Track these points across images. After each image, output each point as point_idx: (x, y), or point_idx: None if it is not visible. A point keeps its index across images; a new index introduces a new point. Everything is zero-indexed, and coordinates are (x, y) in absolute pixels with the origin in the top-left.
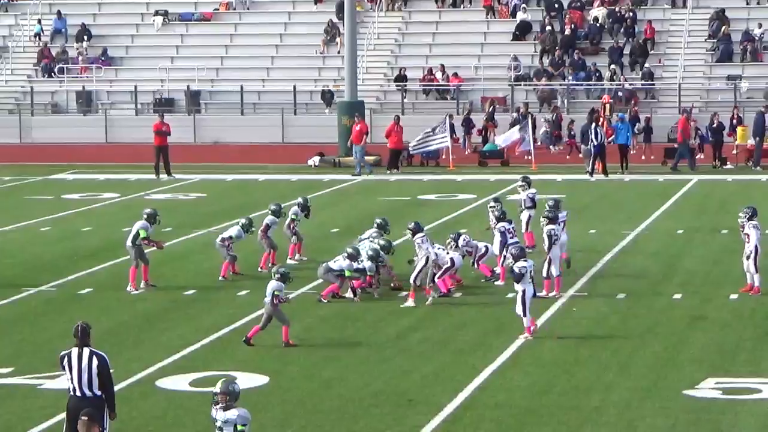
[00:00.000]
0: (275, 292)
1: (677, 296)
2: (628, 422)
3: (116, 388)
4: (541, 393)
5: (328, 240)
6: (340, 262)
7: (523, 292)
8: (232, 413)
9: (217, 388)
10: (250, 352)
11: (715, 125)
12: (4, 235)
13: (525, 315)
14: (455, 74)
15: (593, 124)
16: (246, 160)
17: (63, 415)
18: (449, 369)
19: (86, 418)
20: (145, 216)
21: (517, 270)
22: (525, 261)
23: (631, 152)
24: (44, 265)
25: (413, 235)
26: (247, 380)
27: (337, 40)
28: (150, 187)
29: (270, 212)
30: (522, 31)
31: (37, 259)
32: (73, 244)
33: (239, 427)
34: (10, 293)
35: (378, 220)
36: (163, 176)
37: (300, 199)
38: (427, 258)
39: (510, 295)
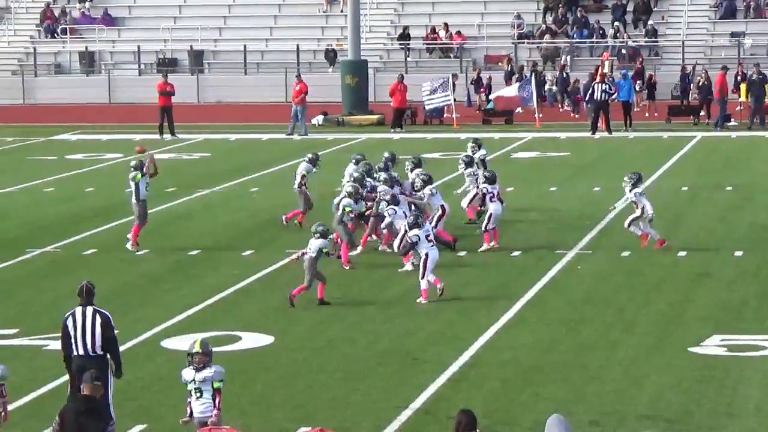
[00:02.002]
0: (323, 249)
1: (682, 254)
2: (634, 380)
3: (121, 348)
4: (546, 351)
5: (333, 198)
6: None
7: (426, 255)
8: (209, 371)
9: (195, 349)
10: (254, 312)
11: (701, 83)
12: (8, 196)
13: (422, 278)
14: (458, 32)
15: (593, 82)
16: (249, 120)
17: (67, 376)
18: (454, 327)
19: (99, 383)
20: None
21: (408, 239)
22: (419, 229)
23: (635, 109)
24: (48, 226)
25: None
26: (252, 340)
27: None
28: (154, 146)
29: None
30: None
31: (41, 220)
32: (76, 205)
33: (216, 384)
34: (14, 254)
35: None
36: (167, 136)
37: (310, 155)
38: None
39: (515, 254)
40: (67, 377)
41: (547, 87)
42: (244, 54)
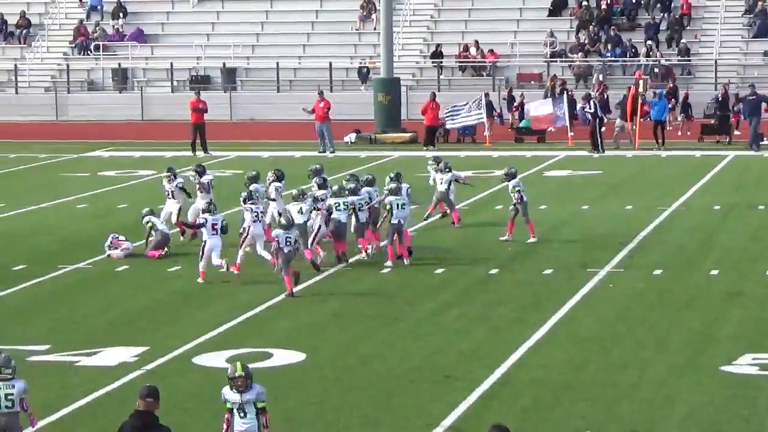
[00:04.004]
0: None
1: (714, 272)
2: (665, 398)
3: (152, 365)
4: (578, 369)
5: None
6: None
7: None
8: (252, 392)
9: (237, 373)
10: (286, 329)
11: (721, 99)
12: (41, 212)
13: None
14: (491, 51)
15: (591, 99)
16: (282, 137)
17: (99, 393)
18: (486, 345)
19: (151, 399)
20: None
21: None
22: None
23: (668, 128)
24: (80, 242)
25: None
26: (283, 357)
27: (373, 16)
28: (186, 163)
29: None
30: (558, 7)
31: (74, 236)
32: (108, 221)
33: (260, 404)
34: (47, 270)
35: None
36: (200, 153)
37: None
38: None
39: (547, 272)
40: (100, 392)
41: (579, 106)
42: (276, 71)
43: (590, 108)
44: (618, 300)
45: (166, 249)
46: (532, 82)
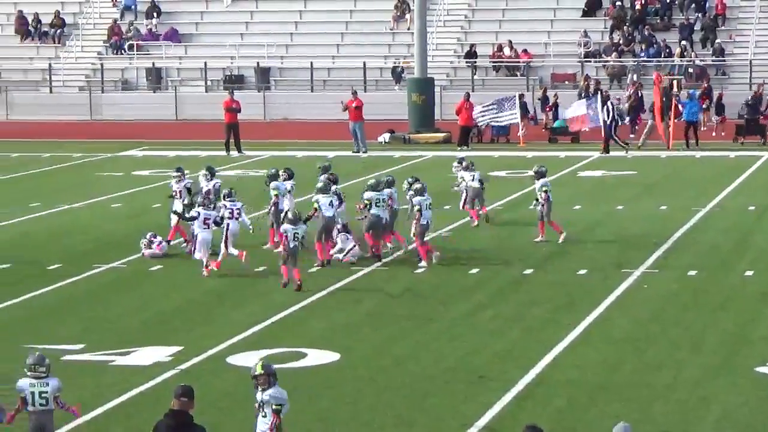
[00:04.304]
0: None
1: (749, 273)
2: (700, 399)
3: (187, 365)
4: (612, 370)
5: (400, 214)
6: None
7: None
8: (267, 394)
9: (257, 371)
10: (320, 329)
11: (752, 100)
12: (75, 212)
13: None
14: (525, 51)
15: (608, 102)
16: (316, 137)
17: (134, 392)
18: (520, 346)
19: (186, 399)
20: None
21: None
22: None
23: (701, 129)
24: (115, 242)
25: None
26: (318, 357)
27: (407, 16)
28: (220, 163)
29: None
30: (592, 7)
31: (108, 236)
32: (142, 221)
33: (275, 406)
34: (81, 269)
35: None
36: (234, 153)
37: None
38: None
39: (581, 272)
40: (134, 392)
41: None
42: (310, 71)
43: (607, 111)
44: (652, 301)
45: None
46: (566, 83)
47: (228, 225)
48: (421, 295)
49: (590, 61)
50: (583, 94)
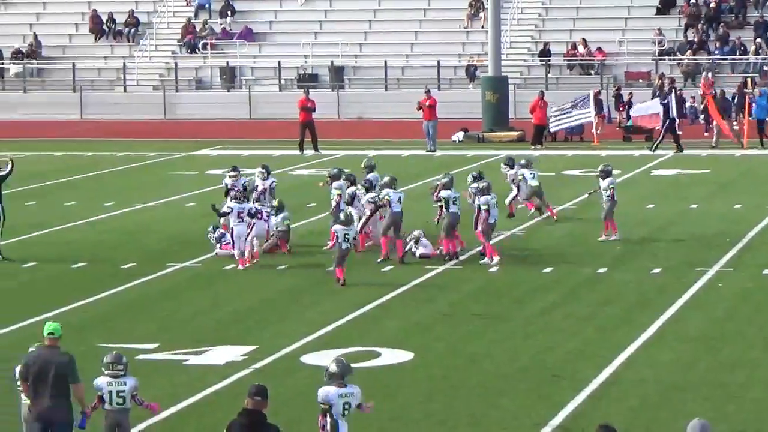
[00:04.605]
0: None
1: None
2: None
3: (261, 363)
4: (686, 369)
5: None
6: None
7: None
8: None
9: (334, 368)
10: (394, 328)
11: None
12: (150, 211)
13: None
14: (599, 49)
15: (669, 97)
16: (390, 136)
17: (207, 391)
18: (594, 345)
19: (259, 398)
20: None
21: None
22: None
23: None
24: (189, 241)
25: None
26: (392, 356)
27: (481, 14)
28: (294, 162)
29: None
30: (666, 5)
31: (183, 235)
32: (216, 220)
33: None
34: (156, 269)
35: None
36: (308, 152)
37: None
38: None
39: (655, 271)
40: (208, 391)
41: (688, 104)
42: (384, 70)
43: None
44: (727, 299)
45: (288, 246)
46: (640, 81)
47: (254, 224)
48: (495, 294)
49: (664, 60)
50: (657, 93)
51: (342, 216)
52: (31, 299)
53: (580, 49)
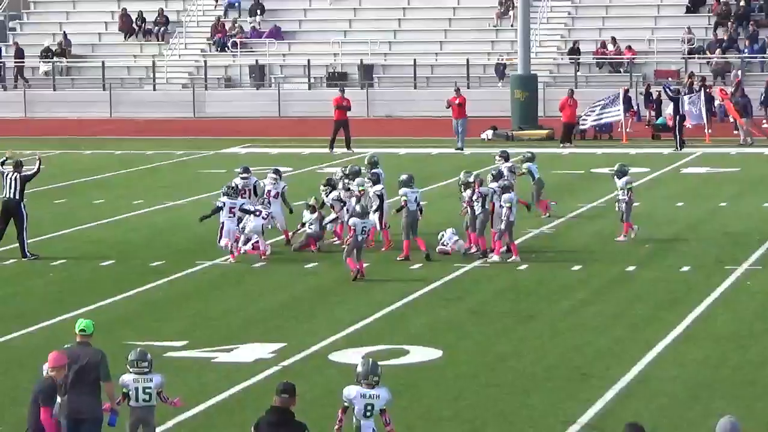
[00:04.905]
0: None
1: None
2: None
3: (289, 361)
4: (715, 367)
5: None
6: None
7: None
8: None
9: (359, 368)
10: (423, 326)
11: None
12: (179, 209)
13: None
14: (629, 47)
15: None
16: (419, 134)
17: (236, 389)
18: (622, 343)
19: (286, 395)
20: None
21: None
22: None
23: None
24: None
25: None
26: (420, 354)
27: (511, 12)
28: (323, 160)
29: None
30: (696, 3)
31: (211, 233)
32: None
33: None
34: (184, 266)
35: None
36: (339, 150)
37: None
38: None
39: (684, 269)
40: (237, 389)
41: (717, 103)
42: (413, 68)
43: (682, 103)
44: (756, 298)
45: (318, 244)
46: (670, 79)
47: (246, 220)
48: (523, 292)
49: (694, 58)
50: (686, 92)
51: (358, 208)
52: (60, 297)
53: (610, 47)
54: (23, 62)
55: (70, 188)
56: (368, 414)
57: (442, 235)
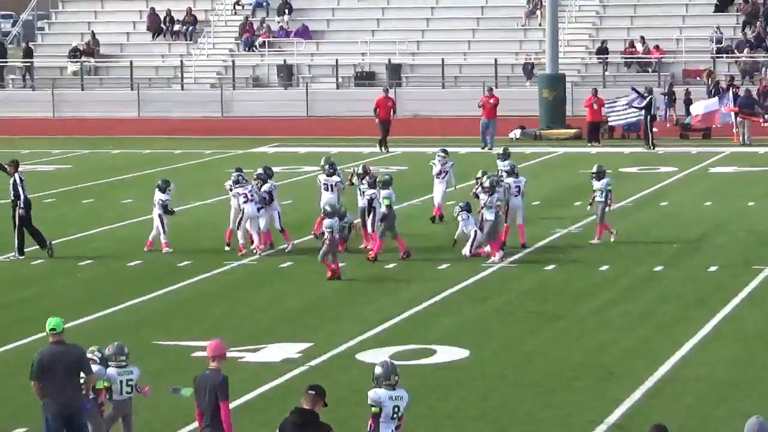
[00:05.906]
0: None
1: None
2: None
3: (316, 361)
4: (743, 366)
5: (530, 211)
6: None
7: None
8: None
9: (379, 370)
10: (450, 326)
11: None
12: (207, 208)
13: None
14: (657, 47)
15: (646, 96)
16: (447, 134)
17: (263, 388)
18: (650, 342)
19: (313, 392)
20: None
21: None
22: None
23: None
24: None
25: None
26: (447, 353)
27: (539, 12)
28: (355, 159)
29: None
30: (724, 2)
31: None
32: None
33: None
34: (212, 266)
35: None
36: (367, 149)
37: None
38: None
39: (712, 269)
40: (264, 388)
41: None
42: (441, 67)
43: (640, 103)
44: None
45: (346, 245)
46: (698, 78)
47: (243, 210)
48: (550, 292)
49: (722, 57)
50: (713, 91)
51: (328, 208)
52: (88, 297)
53: (638, 47)
54: (31, 62)
55: (97, 188)
56: (394, 416)
57: (457, 211)
